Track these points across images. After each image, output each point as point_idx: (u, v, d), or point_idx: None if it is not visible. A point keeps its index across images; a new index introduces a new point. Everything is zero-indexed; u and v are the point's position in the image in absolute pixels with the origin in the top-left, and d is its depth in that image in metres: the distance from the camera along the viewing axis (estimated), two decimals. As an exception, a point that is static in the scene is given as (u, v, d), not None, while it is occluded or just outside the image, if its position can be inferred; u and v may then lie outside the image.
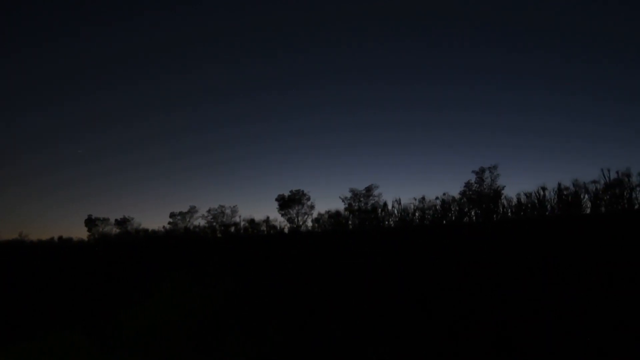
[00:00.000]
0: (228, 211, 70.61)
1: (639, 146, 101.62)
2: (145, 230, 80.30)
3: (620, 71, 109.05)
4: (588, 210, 47.54)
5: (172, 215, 75.18)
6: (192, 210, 73.95)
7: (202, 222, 73.02)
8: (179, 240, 67.50)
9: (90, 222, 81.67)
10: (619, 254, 21.46)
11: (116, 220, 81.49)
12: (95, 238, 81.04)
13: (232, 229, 70.26)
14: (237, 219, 70.76)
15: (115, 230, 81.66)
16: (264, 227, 68.87)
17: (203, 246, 54.50)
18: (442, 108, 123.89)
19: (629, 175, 45.30)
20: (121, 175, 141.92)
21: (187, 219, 74.40)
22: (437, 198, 56.61)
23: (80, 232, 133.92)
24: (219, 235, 70.49)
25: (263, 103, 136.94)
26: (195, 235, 72.03)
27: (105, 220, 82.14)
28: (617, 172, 45.91)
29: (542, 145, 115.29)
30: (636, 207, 44.86)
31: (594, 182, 47.17)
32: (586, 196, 48.06)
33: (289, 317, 17.53)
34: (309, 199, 65.12)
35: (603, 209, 46.63)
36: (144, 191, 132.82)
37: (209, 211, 71.19)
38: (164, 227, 77.16)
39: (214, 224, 71.37)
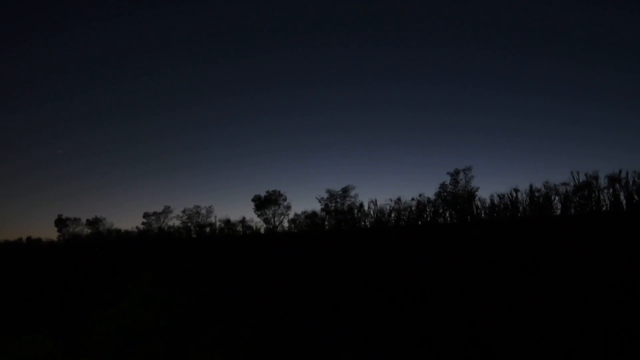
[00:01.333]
0: (203, 211, 70.06)
1: (608, 148, 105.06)
2: (118, 231, 78.92)
3: (592, 73, 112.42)
4: (558, 212, 48.81)
5: (146, 215, 74.16)
6: (167, 211, 73.14)
7: (176, 223, 72.30)
8: (153, 240, 66.41)
9: (60, 223, 79.74)
10: (588, 254, 22.08)
11: (87, 220, 79.91)
12: (66, 239, 79.09)
13: (208, 229, 69.58)
14: (212, 220, 70.26)
15: (86, 230, 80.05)
16: (239, 228, 68.41)
17: (178, 247, 53.72)
18: (418, 109, 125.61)
19: (596, 178, 46.69)
20: (93, 175, 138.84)
21: (162, 220, 73.48)
22: (412, 199, 57.27)
23: (50, 233, 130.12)
24: (194, 235, 69.70)
25: (239, 104, 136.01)
26: (170, 235, 71.05)
27: (76, 221, 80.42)
28: (586, 175, 47.28)
29: (515, 147, 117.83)
30: (603, 208, 46.25)
31: (564, 184, 48.48)
32: (556, 198, 49.35)
33: (264, 318, 17.43)
34: (285, 199, 65.14)
35: (572, 210, 47.92)
36: (117, 191, 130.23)
37: (184, 211, 70.54)
38: (137, 227, 76.00)
39: (189, 224, 70.66)
